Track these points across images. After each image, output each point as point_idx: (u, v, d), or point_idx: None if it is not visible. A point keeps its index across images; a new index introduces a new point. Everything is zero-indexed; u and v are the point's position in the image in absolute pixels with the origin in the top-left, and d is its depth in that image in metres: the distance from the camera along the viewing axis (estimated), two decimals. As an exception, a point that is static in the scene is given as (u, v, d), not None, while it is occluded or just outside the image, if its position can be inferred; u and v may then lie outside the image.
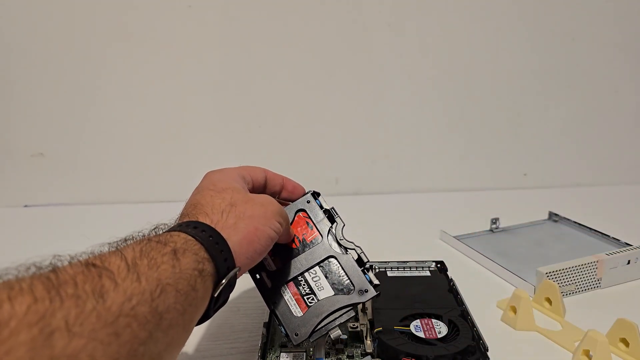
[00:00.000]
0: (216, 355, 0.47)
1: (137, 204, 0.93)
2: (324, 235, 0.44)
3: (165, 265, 0.31)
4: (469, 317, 0.48)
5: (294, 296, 0.43)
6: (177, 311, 0.30)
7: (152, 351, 0.28)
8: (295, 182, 0.48)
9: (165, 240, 0.33)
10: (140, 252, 0.31)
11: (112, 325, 0.26)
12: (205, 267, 0.34)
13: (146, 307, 0.28)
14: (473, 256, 0.68)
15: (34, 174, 0.92)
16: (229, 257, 0.35)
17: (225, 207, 0.38)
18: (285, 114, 0.94)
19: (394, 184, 0.99)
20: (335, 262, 0.43)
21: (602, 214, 0.84)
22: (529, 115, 0.99)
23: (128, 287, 0.28)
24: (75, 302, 0.25)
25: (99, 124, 0.91)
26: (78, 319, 0.24)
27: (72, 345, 0.24)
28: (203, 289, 0.33)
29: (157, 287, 0.29)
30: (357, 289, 0.42)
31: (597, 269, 0.59)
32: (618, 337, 0.48)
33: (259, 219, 0.38)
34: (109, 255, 0.30)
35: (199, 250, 0.34)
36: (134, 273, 0.29)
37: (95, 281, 0.27)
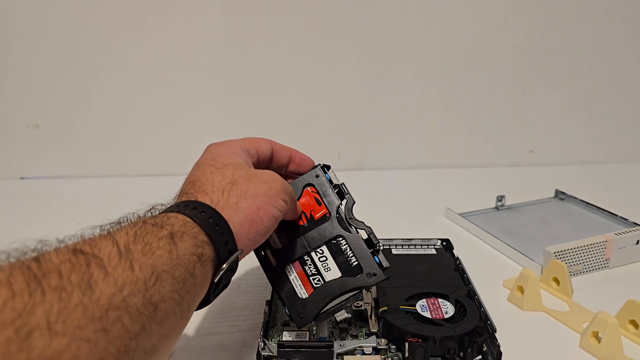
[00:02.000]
0: (217, 334, 0.46)
1: (136, 177, 0.92)
2: (333, 212, 0.42)
3: (162, 250, 0.29)
4: (476, 297, 0.47)
5: (299, 276, 0.41)
6: (174, 300, 0.28)
7: (146, 344, 0.26)
8: (304, 155, 0.45)
9: (161, 223, 0.31)
10: (134, 237, 0.28)
11: (100, 320, 0.23)
12: (204, 252, 0.31)
13: (139, 298, 0.26)
14: (478, 234, 0.67)
15: (30, 146, 0.90)
16: (230, 240, 0.33)
17: (225, 185, 0.36)
18: (287, 87, 0.92)
19: (398, 160, 0.97)
20: (344, 242, 0.41)
21: (610, 193, 0.82)
22: (536, 91, 0.96)
23: (119, 276, 0.25)
24: (58, 296, 0.22)
25: (96, 95, 0.89)
26: (61, 315, 0.22)
27: (52, 346, 0.21)
28: (202, 274, 0.31)
29: (152, 275, 0.27)
30: (365, 271, 0.40)
31: (605, 248, 0.58)
32: (627, 319, 0.47)
33: (262, 198, 0.36)
34: (99, 240, 0.27)
35: (198, 234, 0.32)
36: (127, 260, 0.26)
37: (83, 270, 0.24)
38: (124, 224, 0.30)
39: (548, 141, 0.99)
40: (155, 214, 0.33)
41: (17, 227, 0.72)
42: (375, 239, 0.41)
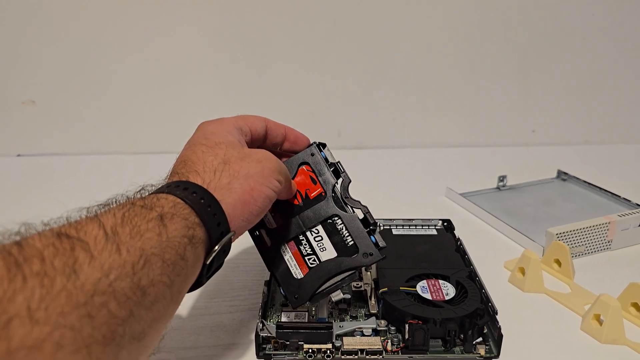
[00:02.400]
0: (214, 314, 0.46)
1: (132, 154, 0.91)
2: (328, 191, 0.41)
3: (150, 233, 0.28)
4: (477, 278, 0.46)
5: (294, 256, 0.40)
6: (164, 284, 0.27)
7: (134, 330, 0.25)
8: (299, 132, 0.44)
9: (151, 204, 0.29)
10: (121, 219, 0.27)
11: (85, 306, 0.22)
12: (196, 233, 0.31)
13: (127, 282, 0.25)
14: (479, 214, 0.66)
15: (26, 123, 0.89)
16: (223, 221, 0.32)
17: (218, 164, 0.35)
18: (286, 63, 0.90)
19: (399, 138, 0.96)
20: (340, 222, 0.41)
21: (613, 173, 0.81)
22: (540, 70, 0.94)
23: (106, 260, 0.24)
24: (40, 282, 0.22)
25: (91, 71, 0.87)
26: (43, 302, 0.21)
27: (33, 335, 0.20)
28: (193, 257, 0.30)
29: (140, 258, 0.26)
30: (361, 251, 0.39)
31: (608, 230, 0.57)
32: (629, 302, 0.46)
33: (255, 178, 0.35)
34: (85, 223, 0.26)
35: (189, 215, 0.31)
36: (114, 243, 0.25)
37: (67, 255, 0.23)
38: (111, 206, 0.29)
39: (551, 121, 0.98)
40: (145, 195, 0.32)
41: (14, 205, 0.71)
42: (371, 218, 0.40)
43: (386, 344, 0.40)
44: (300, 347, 0.40)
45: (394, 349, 0.40)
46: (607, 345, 0.42)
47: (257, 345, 0.40)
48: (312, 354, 0.39)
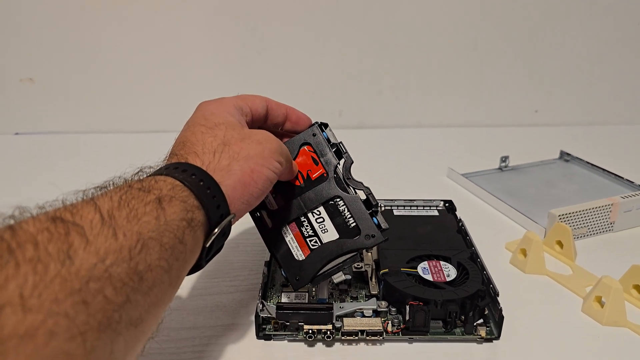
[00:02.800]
0: (214, 294, 0.46)
1: (131, 133, 0.90)
2: (330, 172, 0.41)
3: (148, 216, 0.27)
4: (478, 259, 0.46)
5: (295, 238, 0.40)
6: (162, 268, 0.27)
7: (131, 315, 0.25)
8: (300, 112, 0.43)
9: (148, 187, 0.29)
10: (118, 202, 0.26)
11: (80, 293, 0.22)
12: (195, 216, 0.30)
13: (123, 268, 0.24)
14: (481, 195, 0.66)
15: (24, 101, 0.88)
16: (222, 204, 0.32)
17: (217, 146, 0.34)
18: (286, 41, 0.88)
19: (400, 118, 0.95)
20: (342, 203, 0.40)
21: (616, 154, 0.81)
22: (544, 49, 0.93)
23: (102, 244, 0.24)
24: (33, 268, 0.21)
25: (90, 49, 0.85)
26: (36, 289, 0.20)
27: (26, 323, 0.20)
28: (192, 240, 0.30)
29: (138, 242, 0.25)
30: (363, 233, 0.39)
31: (611, 212, 0.57)
32: (631, 284, 0.46)
33: (255, 160, 0.34)
34: (81, 206, 0.25)
35: (188, 197, 0.30)
36: (110, 227, 0.25)
37: (62, 240, 0.23)
38: (108, 189, 0.29)
39: (554, 101, 0.97)
40: (143, 178, 0.31)
41: (11, 183, 0.70)
42: (373, 200, 0.40)
43: (386, 325, 0.40)
44: (300, 328, 0.40)
45: (394, 330, 0.40)
46: (608, 327, 0.42)
47: (257, 325, 0.40)
48: (312, 334, 0.39)
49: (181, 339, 0.40)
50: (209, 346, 0.40)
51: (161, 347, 0.39)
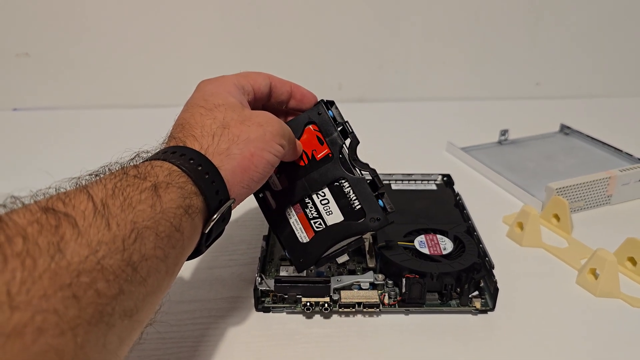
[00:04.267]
0: (213, 267, 0.47)
1: (130, 108, 0.89)
2: (336, 153, 0.40)
3: (143, 204, 0.26)
4: (475, 233, 0.47)
5: (300, 220, 0.40)
6: (157, 258, 0.26)
7: (125, 307, 0.24)
8: (305, 90, 0.42)
9: (144, 174, 0.28)
10: (112, 190, 0.26)
11: (70, 288, 0.21)
12: (192, 203, 0.29)
13: (116, 259, 0.24)
14: (480, 169, 0.66)
15: (21, 76, 0.87)
16: (222, 189, 0.31)
17: (216, 128, 0.33)
18: (285, 15, 0.87)
19: (401, 91, 0.94)
20: (347, 185, 0.39)
21: (616, 127, 0.80)
22: (546, 20, 0.91)
23: (94, 235, 0.23)
24: (21, 263, 0.20)
25: (87, 21, 0.84)
26: (24, 286, 0.20)
27: (13, 321, 0.19)
28: (190, 227, 0.29)
29: (132, 232, 0.25)
30: (368, 216, 0.38)
31: (608, 185, 0.57)
32: (626, 256, 0.46)
33: (255, 143, 0.33)
34: (74, 195, 0.25)
35: (185, 184, 0.29)
36: (103, 217, 0.24)
37: (52, 232, 0.22)
38: (103, 175, 0.28)
39: (556, 73, 0.96)
40: (139, 163, 0.30)
41: (10, 160, 0.71)
42: (379, 182, 0.39)
43: (383, 297, 0.41)
44: (299, 301, 0.40)
45: (391, 302, 0.41)
46: (602, 298, 0.43)
47: (256, 298, 0.41)
48: (310, 307, 0.40)
49: (182, 311, 0.41)
50: (209, 319, 0.40)
51: (162, 320, 0.40)
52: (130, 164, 0.30)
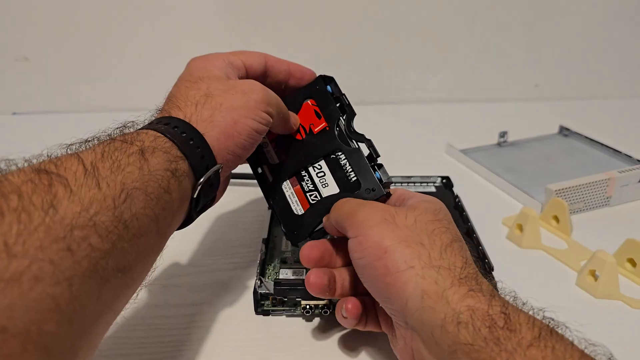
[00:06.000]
0: (213, 271, 0.47)
1: (129, 112, 0.89)
2: (333, 126, 0.40)
3: (131, 167, 0.27)
4: (474, 235, 0.47)
5: (296, 193, 0.39)
6: (148, 217, 0.27)
7: (118, 263, 0.25)
8: (304, 67, 0.42)
9: (131, 140, 0.29)
10: (101, 154, 0.27)
11: (64, 240, 0.22)
12: (179, 167, 0.30)
13: (108, 216, 0.25)
14: (479, 171, 0.66)
15: (20, 80, 0.87)
16: (207, 154, 0.32)
17: (200, 98, 0.34)
18: (284, 17, 0.87)
19: (399, 94, 0.94)
20: (343, 157, 0.39)
21: (616, 129, 0.80)
22: (545, 22, 0.91)
23: (85, 194, 0.24)
24: (17, 217, 0.21)
25: (86, 26, 0.85)
26: (20, 237, 0.21)
27: (11, 268, 0.20)
28: (178, 190, 0.30)
29: (122, 192, 0.26)
30: (364, 187, 0.38)
31: (607, 186, 0.57)
32: (625, 258, 0.46)
33: (239, 111, 0.34)
34: (65, 159, 0.26)
35: (171, 149, 0.30)
36: (93, 178, 0.25)
37: (45, 190, 0.23)
38: (92, 142, 0.29)
39: (555, 75, 0.96)
40: (126, 133, 0.31)
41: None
42: (375, 153, 0.39)
43: (383, 300, 0.41)
44: (298, 304, 0.40)
45: (390, 305, 0.41)
46: (602, 300, 0.43)
47: (256, 301, 0.41)
48: (309, 309, 0.40)
49: (181, 315, 0.41)
50: (208, 322, 0.40)
51: (162, 322, 0.40)
52: (117, 133, 0.31)
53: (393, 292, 0.29)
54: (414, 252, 0.29)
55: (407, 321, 0.30)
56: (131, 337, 0.38)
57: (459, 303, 0.27)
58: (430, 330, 0.27)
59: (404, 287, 0.29)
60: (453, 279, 0.28)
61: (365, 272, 0.31)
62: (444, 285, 0.28)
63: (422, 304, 0.28)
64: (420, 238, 0.30)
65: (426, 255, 0.29)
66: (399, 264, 0.29)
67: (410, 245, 0.30)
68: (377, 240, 0.30)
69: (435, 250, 0.30)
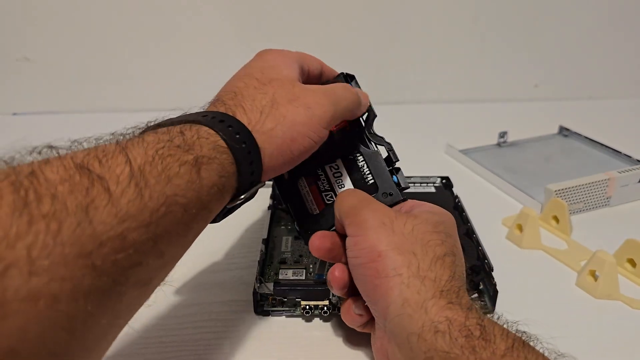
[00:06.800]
0: (213, 271, 0.47)
1: (131, 112, 0.89)
2: (353, 126, 0.39)
3: (180, 179, 0.25)
4: (474, 235, 0.47)
5: (311, 191, 0.39)
6: (178, 234, 0.26)
7: (140, 276, 0.24)
8: None
9: (189, 144, 0.27)
10: (152, 157, 0.25)
11: (90, 257, 0.21)
12: (228, 182, 0.29)
13: (140, 232, 0.23)
14: (479, 171, 0.66)
15: (21, 81, 0.87)
16: (257, 172, 0.31)
17: (265, 104, 0.32)
18: (284, 18, 0.87)
19: (399, 94, 0.94)
20: (361, 158, 0.39)
21: (615, 129, 0.80)
22: (544, 22, 0.91)
23: (124, 205, 0.22)
24: (47, 226, 0.19)
25: (88, 24, 0.85)
26: (45, 250, 0.19)
27: (30, 286, 0.18)
28: (218, 206, 0.29)
29: (162, 206, 0.24)
30: (381, 190, 0.37)
31: (607, 186, 0.57)
32: (625, 258, 0.46)
33: (299, 127, 0.32)
34: (112, 155, 0.24)
35: (226, 162, 0.28)
36: (137, 186, 0.23)
37: (83, 194, 0.21)
38: (147, 136, 0.27)
39: (555, 75, 0.96)
40: (186, 128, 0.29)
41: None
42: (395, 157, 0.38)
43: (383, 300, 0.41)
44: (298, 304, 0.40)
45: (390, 305, 0.41)
46: (601, 300, 0.43)
47: (255, 302, 0.41)
48: (309, 310, 0.40)
49: (181, 315, 0.41)
50: (208, 322, 0.40)
51: (162, 322, 0.40)
52: (177, 131, 0.28)
53: (378, 295, 0.30)
54: (404, 260, 0.30)
55: (386, 325, 0.30)
56: (131, 338, 0.38)
57: (438, 314, 0.28)
58: (406, 335, 0.28)
59: (389, 292, 0.30)
60: (435, 290, 0.29)
61: (357, 271, 0.32)
62: (425, 296, 0.29)
63: (401, 311, 0.29)
64: (414, 247, 0.31)
65: (415, 265, 0.30)
66: (388, 269, 0.30)
67: (403, 252, 0.30)
68: (373, 243, 0.31)
69: (425, 261, 0.30)
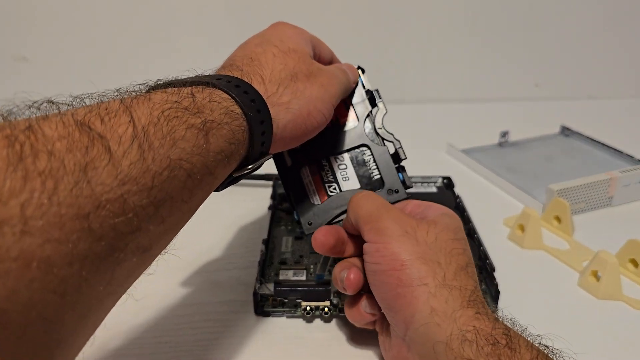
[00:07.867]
0: (212, 271, 0.46)
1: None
2: (361, 119, 0.39)
3: (185, 143, 0.24)
4: (475, 235, 0.46)
5: (314, 182, 0.39)
6: (182, 200, 0.24)
7: (140, 243, 0.22)
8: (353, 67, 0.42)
9: (198, 107, 0.26)
10: (158, 118, 0.23)
11: (87, 219, 0.19)
12: (237, 150, 0.28)
13: (141, 196, 0.21)
14: (480, 171, 0.66)
15: (19, 81, 0.87)
16: (267, 142, 0.30)
17: (284, 77, 0.32)
18: (283, 16, 0.87)
19: (399, 94, 0.94)
20: (368, 153, 0.38)
21: (617, 129, 0.80)
22: (545, 21, 0.91)
23: (125, 166, 0.21)
24: (42, 183, 0.18)
25: (85, 25, 0.84)
26: (40, 209, 0.18)
27: (21, 246, 0.17)
28: (223, 173, 0.27)
29: (165, 169, 0.23)
30: (386, 187, 0.37)
31: (609, 186, 0.57)
32: (627, 258, 0.46)
33: (315, 103, 0.32)
34: (115, 113, 0.22)
35: (238, 129, 0.27)
36: (140, 147, 0.22)
37: (82, 152, 0.20)
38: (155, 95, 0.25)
39: (556, 74, 0.96)
40: (198, 90, 0.27)
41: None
42: (403, 155, 0.38)
43: (383, 300, 0.40)
44: (298, 305, 0.40)
45: (391, 306, 0.40)
46: (604, 300, 0.43)
47: (256, 302, 0.41)
48: (310, 311, 0.40)
49: (179, 315, 0.41)
50: (207, 322, 0.40)
51: (161, 323, 0.40)
52: (187, 91, 0.27)
53: (401, 304, 0.30)
54: (429, 270, 0.30)
55: (408, 333, 0.30)
56: (130, 338, 0.38)
57: (466, 323, 0.28)
58: (432, 345, 0.28)
59: (413, 302, 0.29)
60: (462, 300, 0.29)
61: (377, 278, 0.32)
62: (454, 306, 0.29)
63: (428, 320, 0.29)
64: (438, 257, 0.31)
65: (441, 275, 0.30)
66: (413, 279, 0.30)
67: (427, 262, 0.30)
68: (396, 252, 0.31)
69: (450, 271, 0.30)
